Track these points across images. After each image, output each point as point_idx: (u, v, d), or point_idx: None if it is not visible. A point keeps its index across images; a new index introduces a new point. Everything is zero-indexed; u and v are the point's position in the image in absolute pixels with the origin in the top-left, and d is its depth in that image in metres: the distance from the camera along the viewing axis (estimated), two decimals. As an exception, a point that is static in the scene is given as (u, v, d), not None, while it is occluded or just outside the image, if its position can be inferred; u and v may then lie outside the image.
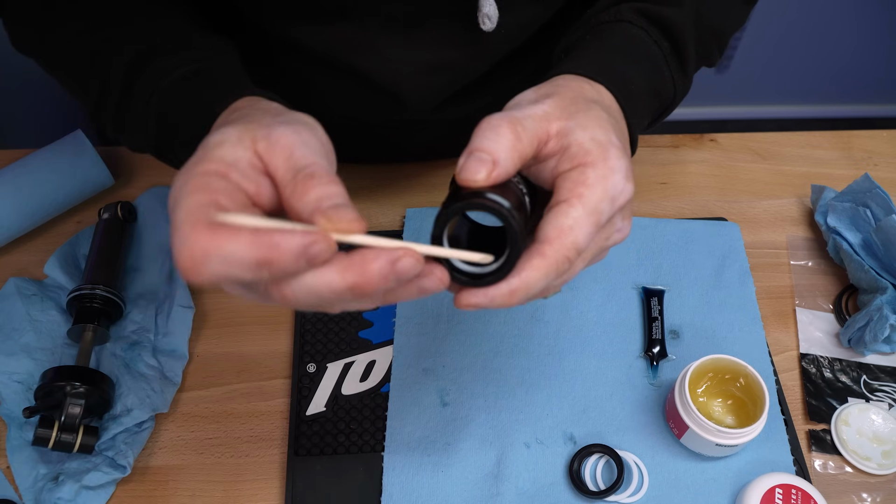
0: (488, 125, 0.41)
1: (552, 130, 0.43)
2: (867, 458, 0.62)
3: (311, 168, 0.38)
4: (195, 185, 0.36)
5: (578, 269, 0.44)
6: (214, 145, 0.38)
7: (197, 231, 0.34)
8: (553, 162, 0.43)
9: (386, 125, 0.73)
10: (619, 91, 0.49)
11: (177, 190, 0.37)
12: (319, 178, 0.37)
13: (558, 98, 0.45)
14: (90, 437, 0.58)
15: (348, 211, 0.36)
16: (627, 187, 0.43)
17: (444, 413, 0.63)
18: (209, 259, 0.33)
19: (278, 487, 0.60)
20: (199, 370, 0.66)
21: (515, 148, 0.41)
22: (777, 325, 0.71)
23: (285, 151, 0.38)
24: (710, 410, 0.62)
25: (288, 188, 0.37)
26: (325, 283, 0.36)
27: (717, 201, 0.80)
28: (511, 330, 0.68)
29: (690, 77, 0.59)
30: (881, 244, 0.69)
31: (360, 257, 0.36)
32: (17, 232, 0.71)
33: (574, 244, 0.41)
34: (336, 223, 0.35)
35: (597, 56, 0.51)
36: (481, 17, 0.58)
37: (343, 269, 0.36)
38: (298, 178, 0.37)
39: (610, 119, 0.45)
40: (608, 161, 0.42)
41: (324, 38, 0.61)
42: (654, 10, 0.55)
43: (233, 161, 0.38)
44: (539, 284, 0.41)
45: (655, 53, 0.55)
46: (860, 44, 1.79)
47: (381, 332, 0.68)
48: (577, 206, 0.41)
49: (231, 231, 0.34)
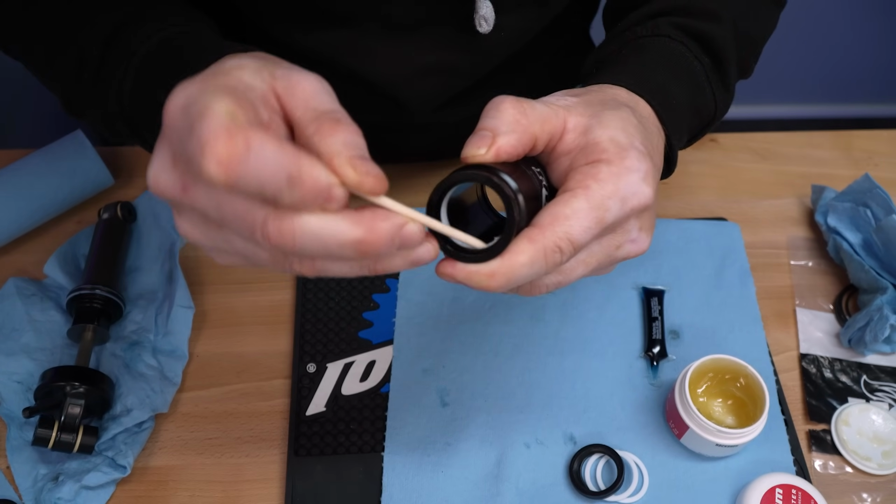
0: (492, 104, 0.40)
1: (569, 123, 0.41)
2: (867, 459, 0.62)
3: (337, 114, 0.35)
4: (222, 87, 0.33)
5: (578, 272, 0.42)
6: (232, 67, 0.35)
7: (235, 133, 0.31)
8: (569, 158, 0.41)
9: (386, 127, 0.73)
10: (660, 104, 0.47)
11: (196, 92, 0.33)
12: (347, 125, 0.35)
13: (586, 98, 0.43)
14: (90, 437, 0.58)
15: (373, 166, 0.34)
16: (643, 190, 0.40)
17: (444, 413, 0.63)
18: (245, 160, 0.31)
19: (278, 487, 0.60)
20: (198, 370, 0.66)
21: (518, 123, 0.39)
22: (777, 325, 0.71)
23: (306, 94, 0.35)
24: (711, 410, 0.62)
25: (311, 127, 0.34)
26: (332, 231, 0.34)
27: (717, 201, 0.79)
28: (511, 330, 0.68)
29: (732, 91, 0.57)
30: (881, 244, 0.69)
31: (370, 214, 0.34)
32: (17, 232, 0.71)
33: (567, 234, 0.38)
34: (361, 175, 0.33)
35: (636, 70, 0.49)
36: (478, 20, 0.58)
37: (354, 221, 0.34)
38: (323, 118, 0.35)
39: (639, 125, 0.43)
40: (625, 160, 0.40)
41: (323, 42, 0.61)
42: (694, 26, 0.53)
43: (247, 87, 0.34)
44: (523, 271, 0.38)
45: (696, 69, 0.53)
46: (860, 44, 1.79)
47: (381, 332, 0.68)
48: (580, 197, 0.39)
49: (266, 138, 0.31)
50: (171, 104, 0.34)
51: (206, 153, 0.31)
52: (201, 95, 0.33)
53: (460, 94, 0.67)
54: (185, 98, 0.33)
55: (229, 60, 0.36)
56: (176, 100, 0.34)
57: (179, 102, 0.34)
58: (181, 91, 0.34)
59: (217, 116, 0.31)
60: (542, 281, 0.41)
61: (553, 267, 0.39)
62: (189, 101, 0.33)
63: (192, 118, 0.32)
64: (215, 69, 0.35)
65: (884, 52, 1.82)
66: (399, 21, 0.59)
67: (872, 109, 1.95)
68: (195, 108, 0.32)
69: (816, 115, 1.92)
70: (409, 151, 0.78)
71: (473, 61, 0.64)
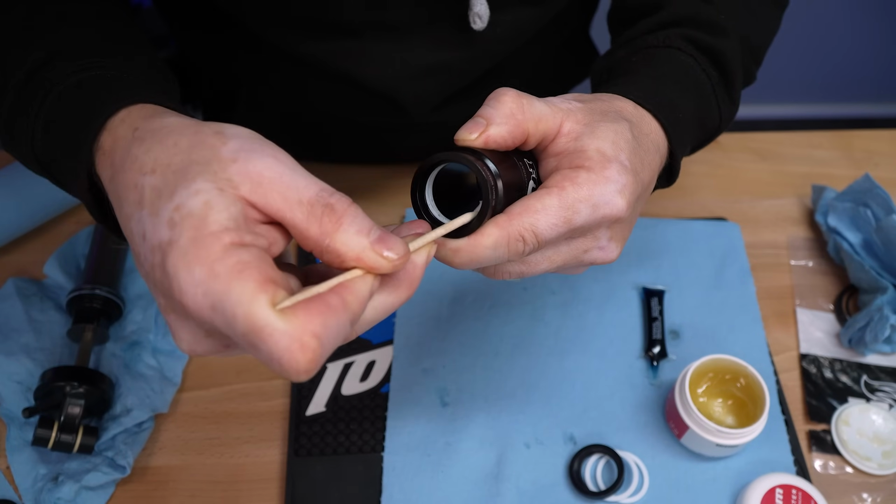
0: (494, 94, 0.41)
1: (565, 127, 0.42)
2: (867, 459, 0.62)
3: (323, 198, 0.34)
4: (231, 266, 0.31)
5: (542, 266, 0.43)
6: (204, 212, 0.32)
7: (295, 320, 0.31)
8: (556, 160, 0.43)
9: (384, 128, 0.73)
10: (667, 119, 0.48)
11: (207, 279, 0.31)
12: (340, 207, 0.34)
13: (590, 105, 0.44)
14: (90, 437, 0.58)
15: (391, 240, 0.35)
16: (616, 202, 0.41)
17: (444, 413, 0.63)
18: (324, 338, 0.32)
19: (278, 487, 0.60)
20: (198, 370, 0.66)
21: (514, 116, 0.40)
22: (777, 325, 0.71)
23: (277, 186, 0.33)
24: (711, 410, 0.62)
25: (312, 229, 0.34)
26: (385, 308, 0.37)
27: (717, 201, 0.79)
28: (511, 330, 0.68)
29: (737, 103, 0.57)
30: (881, 244, 0.68)
31: (405, 274, 0.37)
32: (17, 232, 0.71)
33: (532, 226, 0.40)
34: (390, 261, 0.35)
35: (646, 83, 0.50)
36: (472, 17, 0.58)
37: (394, 288, 0.37)
38: (317, 213, 0.34)
39: (632, 140, 0.44)
40: (605, 171, 0.41)
41: (320, 47, 0.61)
42: (704, 40, 0.54)
43: (235, 225, 0.32)
44: (486, 253, 0.39)
45: (703, 82, 0.53)
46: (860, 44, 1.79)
47: (381, 332, 0.68)
48: (553, 195, 0.40)
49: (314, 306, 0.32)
50: (190, 298, 0.32)
51: (288, 368, 0.31)
52: (222, 292, 0.31)
53: (458, 93, 0.67)
54: (204, 293, 0.31)
55: (190, 200, 0.32)
56: (192, 291, 0.32)
57: (200, 300, 0.32)
58: (187, 275, 0.31)
59: (276, 333, 0.31)
60: (505, 267, 0.43)
61: (515, 255, 0.40)
62: (213, 300, 0.31)
63: (233, 322, 0.31)
64: (194, 225, 0.32)
65: (884, 52, 1.82)
66: (395, 23, 0.59)
67: (872, 109, 1.95)
68: (230, 310, 0.31)
69: (816, 115, 1.92)
70: (407, 151, 0.78)
71: (470, 60, 0.64)
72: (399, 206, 0.77)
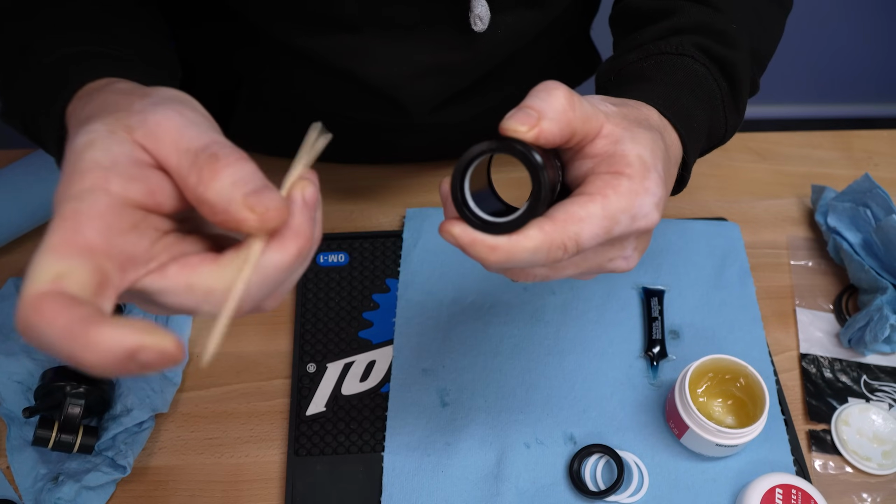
0: (544, 87, 0.39)
1: (605, 129, 0.41)
2: (867, 459, 0.62)
3: (212, 148, 0.33)
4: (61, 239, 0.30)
5: (567, 272, 0.42)
6: (83, 148, 0.32)
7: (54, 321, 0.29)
8: (593, 162, 0.41)
9: (384, 127, 0.73)
10: (684, 128, 0.48)
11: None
12: (225, 157, 0.33)
13: (624, 110, 0.43)
14: (90, 437, 0.58)
15: (272, 195, 0.32)
16: (653, 215, 0.41)
17: (444, 413, 0.63)
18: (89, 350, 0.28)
19: (278, 487, 0.60)
20: (198, 370, 0.66)
21: (566, 113, 0.38)
22: (777, 325, 0.71)
23: (171, 135, 0.33)
24: (711, 410, 0.62)
25: (191, 177, 0.32)
26: (277, 264, 0.34)
27: (717, 201, 0.79)
28: (511, 330, 0.68)
29: (743, 113, 0.57)
30: (881, 244, 0.69)
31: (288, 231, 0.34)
32: (17, 232, 0.71)
33: (576, 236, 0.38)
34: (262, 213, 0.32)
35: (666, 91, 0.50)
36: (473, 18, 0.58)
37: (280, 243, 0.35)
38: (199, 162, 0.32)
39: (664, 151, 0.43)
40: (645, 181, 0.40)
41: (321, 44, 0.61)
42: (716, 50, 0.53)
43: (110, 163, 0.32)
44: (524, 255, 0.38)
45: (714, 92, 0.53)
46: (860, 44, 1.79)
47: (381, 332, 0.68)
48: (597, 203, 0.39)
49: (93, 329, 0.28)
50: None
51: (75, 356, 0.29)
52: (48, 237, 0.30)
53: (459, 94, 0.67)
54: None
55: (79, 137, 0.33)
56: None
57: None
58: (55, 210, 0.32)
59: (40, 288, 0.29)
60: (533, 270, 0.42)
61: (552, 262, 0.39)
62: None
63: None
64: (71, 164, 0.32)
65: (883, 52, 1.82)
66: (397, 22, 0.59)
67: (872, 109, 1.95)
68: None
69: (816, 115, 1.92)
70: (407, 151, 0.78)
71: (471, 61, 0.64)
72: (399, 206, 0.77)
